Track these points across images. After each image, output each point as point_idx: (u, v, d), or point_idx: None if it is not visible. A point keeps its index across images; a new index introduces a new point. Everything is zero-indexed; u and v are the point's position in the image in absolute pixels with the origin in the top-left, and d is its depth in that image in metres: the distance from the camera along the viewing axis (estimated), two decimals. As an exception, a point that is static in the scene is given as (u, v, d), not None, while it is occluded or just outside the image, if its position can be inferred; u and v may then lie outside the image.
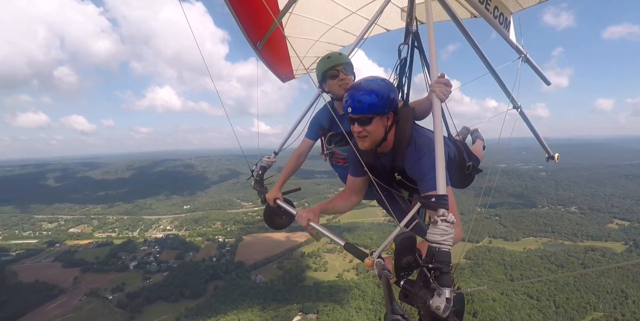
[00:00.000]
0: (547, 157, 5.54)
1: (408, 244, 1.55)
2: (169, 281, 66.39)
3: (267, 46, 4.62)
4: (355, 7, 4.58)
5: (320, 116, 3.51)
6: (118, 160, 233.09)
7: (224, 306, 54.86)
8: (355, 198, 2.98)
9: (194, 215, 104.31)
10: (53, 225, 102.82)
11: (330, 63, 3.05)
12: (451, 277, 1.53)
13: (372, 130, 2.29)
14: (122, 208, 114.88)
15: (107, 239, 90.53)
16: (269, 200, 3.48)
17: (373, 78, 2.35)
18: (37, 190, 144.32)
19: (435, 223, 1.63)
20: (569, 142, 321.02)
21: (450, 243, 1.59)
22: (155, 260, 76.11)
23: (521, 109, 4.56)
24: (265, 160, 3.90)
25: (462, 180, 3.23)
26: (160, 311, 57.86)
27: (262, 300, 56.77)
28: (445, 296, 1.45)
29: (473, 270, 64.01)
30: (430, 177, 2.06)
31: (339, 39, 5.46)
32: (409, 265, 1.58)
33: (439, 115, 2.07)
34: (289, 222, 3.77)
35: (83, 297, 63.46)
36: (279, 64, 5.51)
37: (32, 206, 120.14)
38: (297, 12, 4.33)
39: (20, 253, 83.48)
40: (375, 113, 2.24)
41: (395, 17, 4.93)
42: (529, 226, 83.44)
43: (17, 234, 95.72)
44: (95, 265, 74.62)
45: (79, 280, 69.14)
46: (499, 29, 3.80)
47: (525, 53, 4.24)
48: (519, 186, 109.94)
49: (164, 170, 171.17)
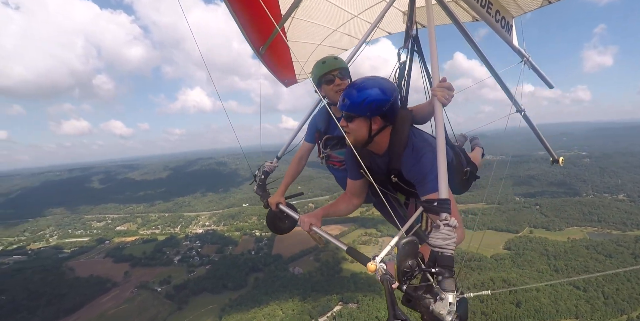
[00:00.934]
0: (552, 161, 5.36)
1: (410, 249, 1.56)
2: (212, 274, 69.30)
3: (270, 51, 4.61)
4: (357, 11, 4.57)
5: (317, 119, 3.53)
6: (155, 161, 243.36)
7: (266, 297, 56.69)
8: (356, 201, 2.99)
9: (230, 211, 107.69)
10: (101, 223, 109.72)
11: (325, 68, 3.05)
12: (454, 282, 1.53)
13: (353, 128, 2.32)
14: (162, 207, 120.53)
15: (151, 236, 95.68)
16: (272, 205, 3.51)
17: (371, 78, 2.35)
18: (84, 192, 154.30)
19: (437, 227, 1.64)
20: (613, 126, 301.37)
21: (452, 247, 1.60)
22: (197, 254, 79.58)
23: (524, 113, 4.48)
24: (267, 164, 3.87)
25: (459, 186, 3.23)
26: (206, 302, 60.64)
27: (301, 290, 58.13)
28: (449, 301, 1.46)
29: (514, 261, 62.31)
30: (430, 179, 2.10)
31: (341, 42, 5.49)
32: (412, 269, 1.58)
33: (441, 119, 2.09)
34: (292, 227, 3.77)
35: (134, 289, 67.54)
36: (282, 69, 5.54)
37: (80, 207, 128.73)
38: (299, 16, 4.32)
39: (75, 250, 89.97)
40: (355, 113, 2.27)
41: (397, 20, 4.93)
42: (573, 215, 79.63)
43: (70, 233, 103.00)
44: (143, 260, 79.05)
45: (129, 274, 73.56)
46: (501, 33, 3.79)
47: (528, 56, 4.20)
48: (561, 174, 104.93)
49: (198, 169, 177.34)
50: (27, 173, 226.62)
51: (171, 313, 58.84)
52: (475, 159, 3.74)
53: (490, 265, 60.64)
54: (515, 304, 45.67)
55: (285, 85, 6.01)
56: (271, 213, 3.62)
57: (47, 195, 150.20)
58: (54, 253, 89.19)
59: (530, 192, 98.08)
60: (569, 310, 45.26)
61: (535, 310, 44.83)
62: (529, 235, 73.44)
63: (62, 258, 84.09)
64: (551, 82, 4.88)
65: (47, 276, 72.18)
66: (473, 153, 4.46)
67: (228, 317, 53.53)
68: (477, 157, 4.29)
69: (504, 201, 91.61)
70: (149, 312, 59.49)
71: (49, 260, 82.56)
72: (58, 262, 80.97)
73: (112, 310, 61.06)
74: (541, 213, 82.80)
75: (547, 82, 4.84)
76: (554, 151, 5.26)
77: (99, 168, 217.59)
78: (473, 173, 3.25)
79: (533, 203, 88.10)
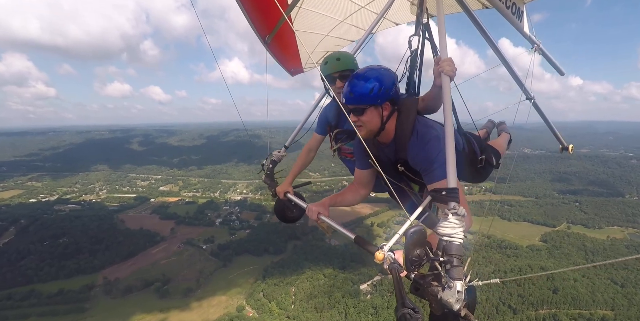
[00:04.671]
0: (561, 148, 5.24)
1: (418, 237, 1.58)
2: (252, 237, 73.62)
3: (276, 40, 4.63)
4: (364, 2, 4.51)
5: (327, 111, 3.55)
6: (190, 129, 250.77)
7: (307, 263, 60.20)
8: (363, 191, 2.99)
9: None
10: (145, 182, 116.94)
11: (327, 70, 3.09)
12: (462, 270, 1.53)
13: (366, 120, 2.31)
14: (201, 172, 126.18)
15: (192, 198, 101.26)
16: (279, 194, 3.52)
17: (370, 68, 2.37)
18: (125, 153, 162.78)
19: (445, 216, 1.62)
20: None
21: (461, 236, 1.59)
22: (237, 219, 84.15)
23: (534, 100, 4.39)
24: (275, 154, 3.91)
25: (474, 175, 3.18)
26: (248, 262, 65.08)
27: (340, 260, 61.19)
28: (457, 289, 1.46)
29: (550, 252, 62.92)
30: (436, 167, 2.09)
31: (348, 33, 5.43)
32: (420, 258, 1.60)
33: (448, 96, 2.10)
34: (300, 216, 3.78)
35: (181, 245, 72.86)
36: (288, 58, 5.53)
37: (125, 166, 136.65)
38: (306, 6, 4.28)
39: (124, 204, 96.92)
40: (367, 103, 2.25)
41: (404, 11, 4.85)
42: (614, 215, 78.28)
43: (117, 189, 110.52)
44: (187, 219, 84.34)
45: (175, 231, 79.00)
46: (512, 20, 3.73)
47: (539, 43, 4.17)
48: (604, 173, 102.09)
49: (233, 139, 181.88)
50: (73, 130, 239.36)
51: (216, 269, 63.64)
52: (499, 146, 3.69)
53: (526, 254, 61.58)
54: (552, 290, 47.02)
55: (291, 74, 6.05)
56: (279, 202, 3.65)
57: (91, 152, 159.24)
58: (104, 205, 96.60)
59: (569, 188, 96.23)
60: (605, 302, 46.13)
61: (572, 298, 46.08)
62: (566, 230, 73.24)
63: (112, 211, 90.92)
64: (562, 69, 4.95)
65: (102, 225, 78.91)
66: (498, 139, 4.40)
67: (272, 277, 57.62)
68: (501, 143, 4.16)
69: (541, 195, 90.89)
70: (196, 266, 64.51)
71: (102, 211, 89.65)
72: (110, 214, 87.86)
73: (164, 261, 66.58)
74: (580, 209, 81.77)
75: (558, 69, 4.89)
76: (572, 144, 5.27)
77: (138, 131, 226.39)
78: (490, 162, 3.17)
79: (572, 200, 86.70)
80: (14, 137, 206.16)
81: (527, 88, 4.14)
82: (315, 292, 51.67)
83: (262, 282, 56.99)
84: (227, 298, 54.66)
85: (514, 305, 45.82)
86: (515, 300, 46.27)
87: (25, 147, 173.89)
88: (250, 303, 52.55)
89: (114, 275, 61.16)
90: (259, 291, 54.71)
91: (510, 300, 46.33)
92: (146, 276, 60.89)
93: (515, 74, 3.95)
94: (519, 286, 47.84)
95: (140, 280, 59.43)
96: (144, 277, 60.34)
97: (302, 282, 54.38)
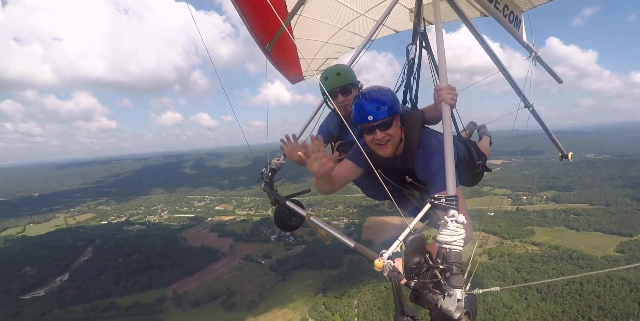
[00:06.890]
0: (561, 156, 5.11)
1: (418, 245, 1.57)
2: (308, 252, 74.81)
3: (277, 48, 4.65)
4: (363, 9, 4.56)
5: (329, 122, 3.59)
6: (237, 151, 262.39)
7: (366, 276, 59.99)
8: (336, 186, 2.75)
9: (317, 198, 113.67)
10: (202, 203, 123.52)
11: (328, 86, 3.06)
12: (462, 278, 1.51)
13: (393, 133, 2.35)
14: (252, 191, 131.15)
15: (247, 216, 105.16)
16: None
17: (370, 87, 2.44)
18: (179, 176, 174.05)
19: (445, 224, 1.61)
20: None
21: (460, 244, 1.57)
22: (292, 234, 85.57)
23: (533, 108, 4.33)
24: (274, 162, 3.83)
25: (471, 179, 3.28)
26: (306, 277, 66.18)
27: (400, 273, 60.36)
28: (457, 297, 1.44)
29: (630, 263, 57.85)
30: (439, 178, 2.11)
31: (348, 40, 5.46)
32: (419, 266, 1.58)
33: (448, 122, 2.08)
34: (299, 223, 3.76)
35: (241, 260, 75.88)
36: (288, 66, 5.54)
37: (181, 188, 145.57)
38: (306, 14, 4.32)
39: (184, 224, 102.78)
40: (395, 113, 2.33)
41: (403, 18, 4.86)
42: (702, 224, 70.81)
43: (177, 210, 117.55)
44: (244, 236, 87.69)
45: (234, 247, 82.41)
46: (509, 28, 3.76)
47: (536, 51, 4.15)
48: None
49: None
50: (132, 158, 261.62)
51: (277, 283, 65.28)
52: (484, 149, 3.71)
53: (602, 265, 57.20)
54: (638, 302, 43.37)
55: (292, 82, 6.04)
56: (279, 210, 3.66)
57: (150, 177, 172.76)
58: (167, 225, 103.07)
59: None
60: None
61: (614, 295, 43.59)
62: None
63: (174, 230, 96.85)
64: (560, 77, 4.93)
65: (168, 243, 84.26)
66: (481, 142, 4.42)
67: (332, 290, 58.04)
68: (485, 146, 4.26)
69: (612, 203, 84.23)
70: (257, 280, 66.69)
71: (166, 230, 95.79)
72: (173, 232, 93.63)
73: (226, 275, 69.60)
74: (662, 217, 74.74)
75: (556, 77, 4.85)
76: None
77: (189, 156, 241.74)
78: (484, 165, 3.28)
79: (649, 207, 79.67)
80: (83, 167, 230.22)
81: (526, 96, 4.10)
82: (379, 304, 51.31)
83: (324, 295, 57.57)
84: (290, 311, 55.73)
85: (594, 318, 42.78)
86: (596, 312, 43.14)
87: (93, 175, 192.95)
88: (313, 315, 53.14)
89: (182, 288, 64.79)
90: (321, 303, 55.27)
91: (590, 313, 43.30)
92: (211, 289, 64.00)
93: (514, 82, 3.94)
94: (598, 298, 44.70)
95: (206, 293, 62.51)
96: (209, 291, 63.46)
97: (363, 294, 54.22)
